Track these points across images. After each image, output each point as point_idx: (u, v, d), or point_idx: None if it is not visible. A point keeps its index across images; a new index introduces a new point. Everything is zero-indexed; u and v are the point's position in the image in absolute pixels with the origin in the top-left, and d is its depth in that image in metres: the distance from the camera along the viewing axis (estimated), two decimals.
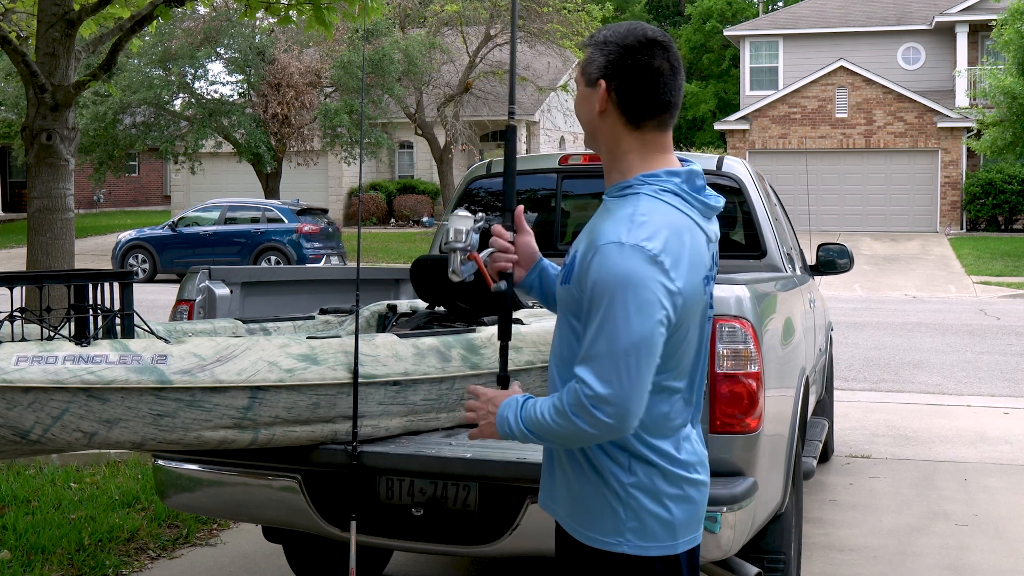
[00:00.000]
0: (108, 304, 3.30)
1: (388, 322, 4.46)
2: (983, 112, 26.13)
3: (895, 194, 30.69)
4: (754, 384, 3.43)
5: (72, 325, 3.15)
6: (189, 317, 4.32)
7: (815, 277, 6.42)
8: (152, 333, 3.30)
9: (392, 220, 34.22)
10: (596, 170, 5.16)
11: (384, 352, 3.48)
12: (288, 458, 3.52)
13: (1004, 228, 29.83)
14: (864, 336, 13.62)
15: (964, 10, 31.33)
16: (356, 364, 3.36)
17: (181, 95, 28.50)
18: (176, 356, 3.08)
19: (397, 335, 3.63)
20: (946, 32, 32.11)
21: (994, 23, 26.23)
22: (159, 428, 3.08)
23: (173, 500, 3.95)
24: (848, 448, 7.65)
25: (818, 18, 33.94)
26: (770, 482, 3.68)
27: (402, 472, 3.54)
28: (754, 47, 34.04)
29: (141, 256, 22.68)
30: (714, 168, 5.37)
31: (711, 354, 3.41)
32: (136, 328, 3.30)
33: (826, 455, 7.17)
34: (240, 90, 29.52)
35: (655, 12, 55.97)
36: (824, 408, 6.76)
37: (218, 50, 28.44)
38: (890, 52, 32.76)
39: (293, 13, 7.99)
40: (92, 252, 26.66)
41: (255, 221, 22.72)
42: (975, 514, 6.02)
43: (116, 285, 3.32)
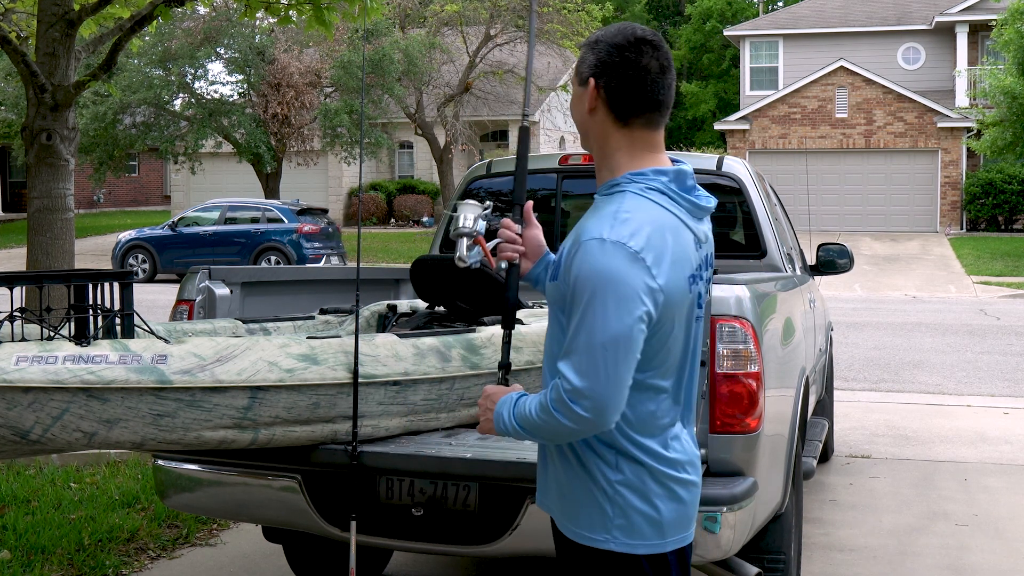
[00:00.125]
0: (108, 304, 3.30)
1: (388, 322, 4.46)
2: (983, 112, 26.13)
3: (895, 194, 30.69)
4: (754, 384, 3.43)
5: (72, 325, 3.15)
6: (189, 317, 4.32)
7: (815, 277, 6.42)
8: (152, 333, 3.30)
9: (392, 220, 34.23)
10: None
11: (384, 352, 3.48)
12: (288, 458, 3.52)
13: (1004, 228, 29.83)
14: (864, 336, 13.62)
15: (964, 10, 31.33)
16: (356, 364, 3.36)
17: (181, 95, 28.50)
18: (176, 356, 3.08)
19: (397, 335, 3.63)
20: (946, 32, 32.12)
21: (994, 23, 26.23)
22: (159, 428, 3.08)
23: (173, 500, 3.95)
24: (848, 448, 7.65)
25: (818, 18, 33.95)
26: (770, 482, 3.68)
27: (402, 472, 3.53)
28: (754, 47, 34.04)
29: (141, 256, 22.68)
30: (714, 168, 5.37)
31: (711, 354, 3.41)
32: (136, 328, 3.30)
33: (826, 455, 7.17)
34: (240, 90, 29.52)
35: (655, 12, 55.94)
36: (824, 408, 6.76)
37: (218, 50, 28.44)
38: (890, 52, 32.76)
39: (293, 13, 8.00)
40: (92, 252, 26.66)
41: (255, 221, 22.72)
42: (975, 514, 6.02)
43: (116, 285, 3.31)
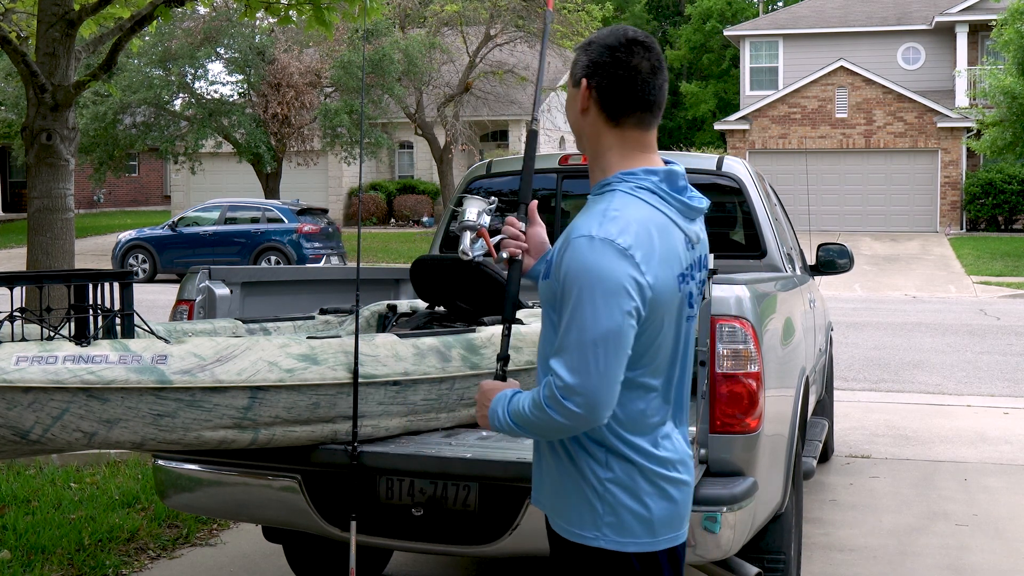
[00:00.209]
0: (108, 304, 3.30)
1: (388, 322, 4.46)
2: (983, 112, 26.13)
3: (895, 194, 30.69)
4: (754, 384, 3.43)
5: (72, 325, 3.15)
6: (189, 317, 4.32)
7: (815, 277, 6.42)
8: (152, 333, 3.30)
9: (392, 220, 34.23)
10: None
11: (384, 352, 3.48)
12: (288, 458, 3.52)
13: (1004, 228, 29.83)
14: (864, 336, 13.62)
15: (964, 10, 31.33)
16: (356, 364, 3.36)
17: (181, 95, 28.50)
18: (176, 356, 3.08)
19: (397, 335, 3.63)
20: (946, 32, 32.11)
21: (994, 23, 26.23)
22: (159, 428, 3.08)
23: (173, 500, 3.94)
24: (848, 448, 7.65)
25: (818, 18, 33.95)
26: (770, 482, 3.68)
27: (402, 472, 3.53)
28: (754, 47, 34.04)
29: (141, 256, 22.68)
30: (714, 168, 5.37)
31: (711, 354, 3.41)
32: (136, 328, 3.30)
33: (826, 455, 7.17)
34: (240, 90, 29.52)
35: (655, 12, 55.93)
36: (824, 408, 6.76)
37: (218, 50, 28.44)
38: (890, 52, 32.76)
39: (293, 13, 8.00)
40: (92, 252, 26.65)
41: (255, 221, 22.72)
42: (975, 514, 6.02)
43: (116, 285, 3.32)
